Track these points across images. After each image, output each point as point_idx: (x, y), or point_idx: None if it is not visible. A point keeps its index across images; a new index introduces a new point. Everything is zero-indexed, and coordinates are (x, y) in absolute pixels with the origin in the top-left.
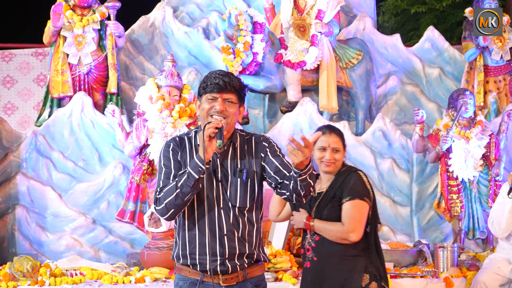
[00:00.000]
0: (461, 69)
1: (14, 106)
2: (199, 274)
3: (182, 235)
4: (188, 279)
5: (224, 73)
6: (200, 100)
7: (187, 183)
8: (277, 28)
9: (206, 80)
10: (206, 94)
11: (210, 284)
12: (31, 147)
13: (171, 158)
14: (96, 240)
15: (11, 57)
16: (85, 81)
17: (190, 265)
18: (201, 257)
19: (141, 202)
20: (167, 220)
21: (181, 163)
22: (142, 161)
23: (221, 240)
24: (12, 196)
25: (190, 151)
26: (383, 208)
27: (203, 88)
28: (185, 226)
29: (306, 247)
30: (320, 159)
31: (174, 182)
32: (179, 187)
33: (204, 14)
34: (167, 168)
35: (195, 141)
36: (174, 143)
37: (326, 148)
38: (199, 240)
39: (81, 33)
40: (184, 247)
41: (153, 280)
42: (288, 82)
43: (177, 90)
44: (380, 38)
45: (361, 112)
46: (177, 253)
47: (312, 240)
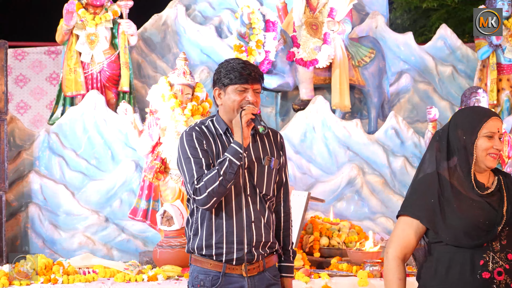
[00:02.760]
0: (473, 67)
1: (27, 105)
2: (221, 266)
3: (208, 225)
4: (210, 272)
5: (247, 62)
6: (224, 90)
7: (229, 170)
8: (290, 26)
9: (230, 69)
10: (235, 85)
11: (233, 276)
12: (44, 146)
13: (197, 147)
14: (108, 238)
15: (23, 56)
16: (97, 79)
17: (214, 256)
18: (228, 246)
19: (154, 200)
20: (207, 210)
21: (208, 151)
22: (155, 159)
23: (249, 227)
24: (25, 194)
25: (213, 139)
26: (396, 206)
27: (228, 78)
28: (211, 215)
29: (492, 269)
30: (487, 149)
31: (215, 170)
32: (222, 174)
33: (216, 12)
34: (196, 158)
35: (215, 130)
36: (196, 132)
37: (494, 135)
38: (226, 229)
39: (94, 32)
40: (210, 237)
41: (166, 278)
42: (301, 80)
43: (190, 88)
44: (392, 36)
45: (374, 110)
46: (199, 244)
47: (503, 258)
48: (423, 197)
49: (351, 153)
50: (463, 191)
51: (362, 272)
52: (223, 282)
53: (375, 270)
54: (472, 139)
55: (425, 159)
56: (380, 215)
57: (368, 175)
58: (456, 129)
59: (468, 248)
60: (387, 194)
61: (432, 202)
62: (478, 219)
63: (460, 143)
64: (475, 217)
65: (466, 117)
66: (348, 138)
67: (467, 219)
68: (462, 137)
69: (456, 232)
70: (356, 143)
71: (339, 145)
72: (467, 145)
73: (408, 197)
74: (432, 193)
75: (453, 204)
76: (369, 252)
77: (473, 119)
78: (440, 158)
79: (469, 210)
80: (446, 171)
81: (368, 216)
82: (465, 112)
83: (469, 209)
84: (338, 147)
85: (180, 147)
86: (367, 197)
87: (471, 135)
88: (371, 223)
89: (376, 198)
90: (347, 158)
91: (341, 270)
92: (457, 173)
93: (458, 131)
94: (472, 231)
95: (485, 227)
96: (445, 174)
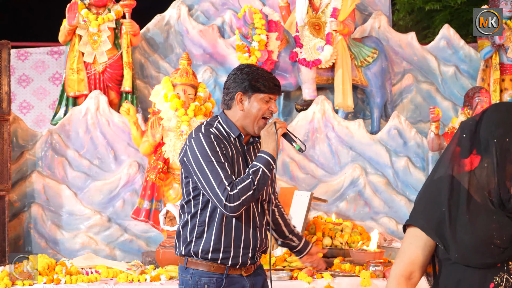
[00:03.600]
0: (476, 67)
1: (30, 105)
2: (224, 268)
3: (217, 228)
4: (213, 275)
5: (271, 73)
6: (249, 97)
7: (262, 180)
8: (292, 27)
9: (258, 77)
10: (263, 95)
11: (235, 277)
12: (46, 146)
13: (218, 150)
14: (111, 238)
15: (26, 56)
16: (100, 79)
17: (220, 259)
18: (236, 250)
19: (156, 201)
20: (233, 216)
21: (226, 155)
22: (157, 160)
23: (255, 232)
24: (27, 194)
25: (228, 143)
26: (398, 207)
27: (255, 86)
28: (222, 219)
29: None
30: None
31: (250, 179)
32: (256, 184)
33: (219, 12)
34: (219, 162)
35: (227, 134)
36: (214, 135)
37: None
38: (235, 233)
39: (97, 32)
40: (218, 241)
41: (169, 278)
42: (303, 80)
43: (192, 88)
44: (395, 36)
45: (376, 111)
46: (204, 247)
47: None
48: (433, 205)
49: (354, 153)
50: (480, 199)
51: (365, 272)
52: (226, 284)
53: (378, 270)
54: None
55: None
56: (383, 215)
57: (371, 175)
58: (498, 127)
59: (479, 268)
60: (390, 194)
61: (443, 211)
62: (493, 234)
63: (500, 144)
64: (489, 232)
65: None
66: (351, 138)
67: (479, 235)
68: (504, 137)
69: (465, 250)
70: (359, 143)
71: (342, 145)
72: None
73: (417, 204)
74: (443, 200)
75: (465, 215)
76: (372, 252)
77: None
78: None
79: (483, 224)
80: (466, 174)
81: (370, 216)
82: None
83: (483, 223)
84: (340, 147)
85: (197, 148)
86: (370, 197)
87: None
88: (374, 223)
89: (379, 198)
90: (350, 158)
91: (344, 271)
92: (479, 178)
93: (499, 129)
94: (485, 249)
95: (501, 244)
96: (462, 177)
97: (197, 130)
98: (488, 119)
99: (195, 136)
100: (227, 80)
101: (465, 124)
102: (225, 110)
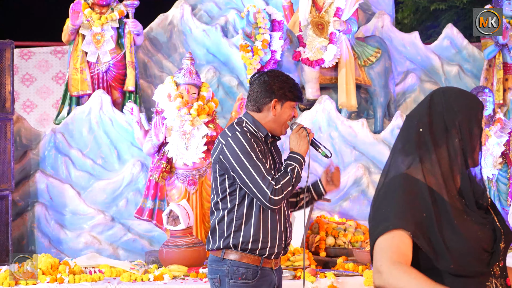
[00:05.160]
0: (480, 67)
1: (33, 104)
2: (259, 260)
3: (256, 221)
4: (250, 266)
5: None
6: (282, 104)
7: (299, 178)
8: (296, 26)
9: (292, 86)
10: (293, 102)
11: (266, 270)
12: (50, 145)
13: (255, 147)
14: (114, 237)
15: (30, 55)
16: (103, 79)
17: (258, 250)
18: (272, 241)
19: (160, 200)
20: (273, 210)
21: (261, 152)
22: (161, 159)
23: (285, 224)
24: (31, 193)
25: (260, 141)
26: None
27: (290, 94)
28: (259, 212)
29: None
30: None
31: (289, 176)
32: (294, 181)
33: (222, 12)
34: (258, 158)
35: (256, 133)
36: (250, 133)
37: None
38: (271, 225)
39: (100, 31)
40: (257, 231)
41: (172, 277)
42: (307, 80)
43: (196, 88)
44: (398, 35)
45: (380, 110)
46: (245, 238)
47: (504, 284)
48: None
49: (357, 152)
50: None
51: (368, 271)
52: (260, 275)
53: None
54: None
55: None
56: None
57: (374, 174)
58: (456, 112)
59: (472, 277)
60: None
61: (425, 216)
62: (480, 237)
63: (463, 132)
64: (476, 236)
65: (465, 99)
66: (354, 138)
67: (469, 241)
68: (466, 124)
69: (460, 258)
70: (362, 143)
71: (345, 145)
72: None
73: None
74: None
75: (453, 219)
76: None
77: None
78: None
79: (468, 229)
80: (433, 174)
81: None
82: (458, 93)
83: (468, 227)
84: (344, 146)
85: (237, 146)
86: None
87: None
88: None
89: None
90: (353, 157)
91: (347, 270)
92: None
93: (460, 115)
94: (478, 255)
95: (488, 248)
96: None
97: (232, 129)
98: (447, 106)
99: (231, 135)
100: (260, 84)
101: (415, 119)
102: (252, 112)
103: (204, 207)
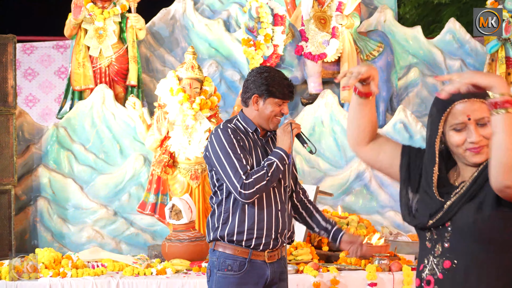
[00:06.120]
0: (482, 61)
1: (36, 99)
2: (247, 253)
3: (240, 213)
4: (237, 258)
5: (288, 79)
6: (264, 100)
7: (276, 173)
8: (298, 20)
9: (274, 83)
10: (276, 100)
11: (257, 262)
12: (52, 140)
13: (234, 142)
14: (117, 232)
15: (32, 50)
16: (106, 73)
17: (244, 241)
18: (258, 232)
19: (162, 194)
20: (247, 204)
21: (244, 147)
22: (163, 154)
23: (277, 215)
24: (33, 188)
25: (245, 136)
26: None
27: (271, 91)
28: (244, 205)
29: (424, 278)
30: (460, 145)
31: (264, 171)
32: (269, 176)
33: (224, 6)
34: (235, 154)
35: (244, 128)
36: (231, 129)
37: (467, 124)
38: (258, 217)
39: (102, 26)
40: (242, 224)
41: (175, 272)
42: (309, 74)
43: (198, 82)
44: (401, 30)
45: (382, 104)
46: (230, 230)
47: (437, 266)
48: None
49: None
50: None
51: (370, 266)
52: (248, 267)
53: (383, 263)
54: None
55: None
56: (389, 209)
57: None
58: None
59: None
60: (396, 188)
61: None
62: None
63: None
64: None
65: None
66: None
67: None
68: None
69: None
70: None
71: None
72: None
73: None
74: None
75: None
76: (378, 246)
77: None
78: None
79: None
80: None
81: (376, 210)
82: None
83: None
84: (346, 141)
85: (216, 142)
86: (375, 191)
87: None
88: (380, 217)
89: (384, 192)
90: None
91: (350, 264)
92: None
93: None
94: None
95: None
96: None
97: (217, 127)
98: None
99: (214, 132)
100: (247, 80)
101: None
102: (243, 108)
103: (206, 201)
